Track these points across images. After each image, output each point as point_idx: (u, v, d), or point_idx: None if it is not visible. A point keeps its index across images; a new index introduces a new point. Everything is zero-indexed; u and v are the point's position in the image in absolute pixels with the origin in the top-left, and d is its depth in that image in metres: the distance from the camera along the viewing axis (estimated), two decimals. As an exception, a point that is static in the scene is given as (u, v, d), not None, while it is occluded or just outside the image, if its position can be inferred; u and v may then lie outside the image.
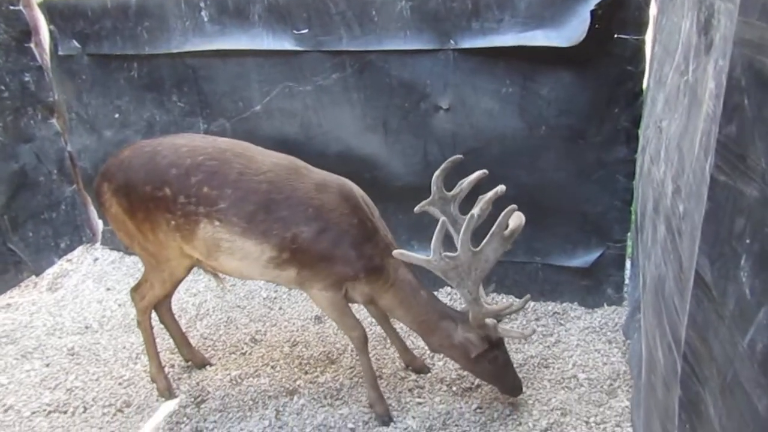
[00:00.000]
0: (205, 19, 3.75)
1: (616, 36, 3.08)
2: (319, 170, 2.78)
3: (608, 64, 3.14)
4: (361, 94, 3.60)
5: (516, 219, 2.43)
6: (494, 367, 2.74)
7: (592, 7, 2.98)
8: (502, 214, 2.36)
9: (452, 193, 2.77)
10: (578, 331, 3.45)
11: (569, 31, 3.07)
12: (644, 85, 3.19)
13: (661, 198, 2.09)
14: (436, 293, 2.98)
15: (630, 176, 3.33)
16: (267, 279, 2.81)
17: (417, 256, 2.47)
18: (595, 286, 3.63)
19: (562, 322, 3.55)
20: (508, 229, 2.40)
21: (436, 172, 2.73)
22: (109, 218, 2.85)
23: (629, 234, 3.52)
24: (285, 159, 2.75)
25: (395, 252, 2.50)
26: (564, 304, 3.69)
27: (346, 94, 3.63)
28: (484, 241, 2.40)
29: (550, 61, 3.20)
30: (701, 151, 1.37)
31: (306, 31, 3.55)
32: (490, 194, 2.45)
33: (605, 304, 3.64)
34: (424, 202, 2.79)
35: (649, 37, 3.09)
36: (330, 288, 2.71)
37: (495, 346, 2.69)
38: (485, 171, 2.71)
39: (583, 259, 3.58)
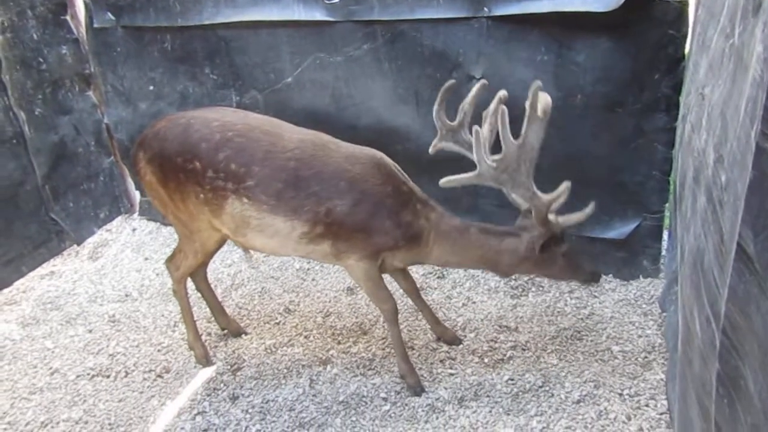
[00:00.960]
0: (237, -10, 3.74)
1: (656, -1, 2.97)
2: (348, 144, 2.76)
3: (648, 28, 3.03)
4: (392, 64, 3.55)
5: (543, 98, 2.32)
6: (568, 258, 2.70)
7: (632, -31, 2.87)
8: (530, 96, 2.27)
9: (457, 121, 2.68)
10: (613, 303, 3.41)
11: (608, -5, 2.97)
12: (686, 50, 3.08)
13: (701, 167, 2.02)
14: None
15: (669, 145, 3.23)
16: (299, 255, 2.81)
17: (465, 176, 2.44)
18: (631, 257, 3.57)
19: (596, 294, 3.51)
20: (540, 109, 2.30)
21: (435, 107, 2.65)
22: (145, 186, 2.91)
23: (667, 205, 3.43)
24: (312, 134, 2.74)
25: (442, 181, 2.46)
26: (599, 276, 3.64)
27: (377, 64, 3.59)
28: (523, 129, 2.32)
29: (587, 28, 3.10)
30: (746, 117, 1.31)
31: (337, 1, 3.51)
32: (493, 105, 2.42)
33: (641, 276, 3.58)
34: (434, 142, 2.72)
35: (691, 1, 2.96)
36: (367, 258, 2.71)
37: (561, 239, 2.66)
38: (484, 82, 2.65)
39: (620, 230, 3.52)
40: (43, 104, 4.17)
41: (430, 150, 2.73)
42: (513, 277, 3.69)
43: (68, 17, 4.30)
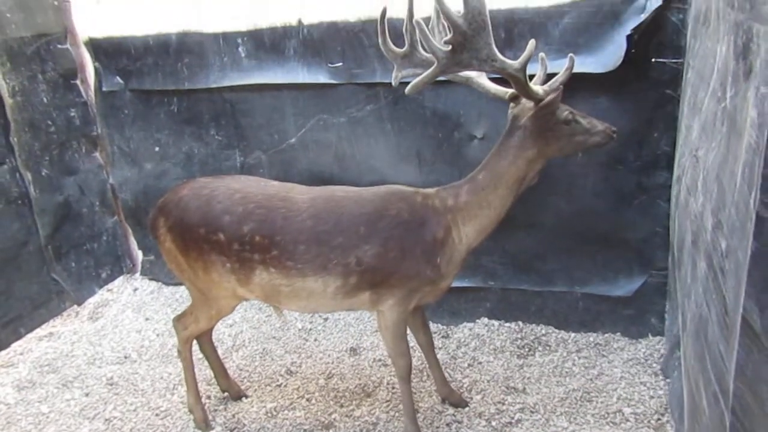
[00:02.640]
0: (243, 55, 3.83)
1: (653, 60, 3.03)
2: (354, 188, 2.76)
3: (646, 88, 3.09)
4: (395, 124, 3.61)
5: None
6: (572, 123, 2.51)
7: (627, 32, 2.94)
8: None
9: (406, 46, 2.52)
10: (622, 363, 3.33)
11: (605, 57, 3.03)
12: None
13: (699, 232, 1.99)
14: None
15: (671, 201, 3.23)
16: (342, 309, 2.78)
17: (428, 73, 2.28)
18: (639, 315, 3.51)
19: (604, 353, 3.44)
20: None
21: (380, 41, 2.52)
22: (163, 252, 2.88)
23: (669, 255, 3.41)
24: (320, 190, 2.75)
25: (408, 89, 2.37)
26: (606, 335, 3.58)
27: (380, 125, 3.64)
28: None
29: (586, 87, 3.14)
30: (744, 184, 1.30)
31: (340, 64, 3.59)
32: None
33: (649, 335, 3.51)
34: (394, 74, 2.61)
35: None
36: (403, 302, 2.65)
37: (554, 105, 2.50)
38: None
39: (626, 287, 3.48)
40: (49, 165, 4.23)
41: (393, 83, 2.63)
42: (519, 335, 3.63)
43: (78, 81, 4.42)
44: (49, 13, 4.19)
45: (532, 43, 2.30)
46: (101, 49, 4.23)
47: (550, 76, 2.58)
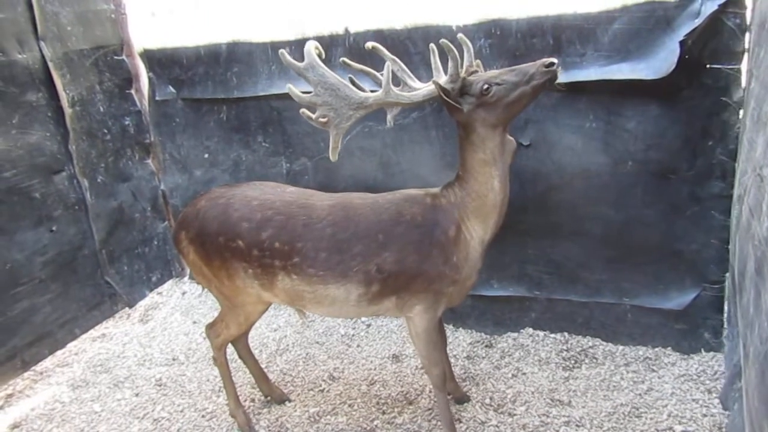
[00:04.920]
0: (290, 63, 3.90)
1: (708, 66, 2.94)
2: (372, 195, 2.77)
3: (700, 95, 2.99)
4: (439, 131, 3.60)
5: None
6: (495, 86, 2.39)
7: (681, 37, 2.86)
8: None
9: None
10: (673, 379, 3.22)
11: (657, 63, 2.96)
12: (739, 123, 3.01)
13: (765, 259, 1.86)
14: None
15: (726, 213, 3.12)
16: (366, 315, 2.79)
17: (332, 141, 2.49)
18: (691, 330, 3.39)
19: (654, 368, 3.33)
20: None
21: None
22: (188, 264, 2.96)
23: (727, 274, 3.28)
24: (339, 197, 2.76)
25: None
26: (656, 349, 3.47)
27: (425, 132, 3.65)
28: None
29: (636, 94, 3.08)
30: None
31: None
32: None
33: (702, 350, 3.38)
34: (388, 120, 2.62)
35: (744, 68, 2.92)
36: (431, 308, 2.65)
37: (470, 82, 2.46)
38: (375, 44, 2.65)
39: (677, 300, 3.36)
40: (105, 172, 4.39)
41: (388, 125, 2.62)
42: (564, 347, 3.56)
43: (133, 91, 4.58)
44: (107, 26, 4.37)
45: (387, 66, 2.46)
46: (155, 59, 4.38)
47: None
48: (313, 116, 2.48)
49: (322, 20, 3.73)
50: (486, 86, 2.40)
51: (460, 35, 2.60)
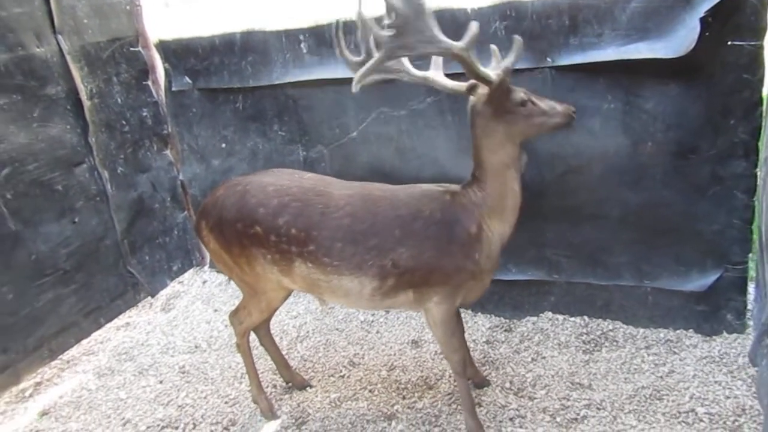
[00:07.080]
0: (305, 51, 3.90)
1: (729, 43, 2.88)
2: (392, 186, 2.75)
3: (721, 73, 2.93)
4: (455, 116, 3.58)
5: None
6: (528, 105, 2.48)
7: (701, 14, 2.80)
8: None
9: (362, 55, 2.62)
10: (695, 361, 3.19)
11: (677, 42, 2.90)
12: (764, 94, 2.95)
13: None
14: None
15: (750, 192, 3.06)
16: (382, 308, 2.79)
17: (373, 61, 2.36)
18: (713, 311, 3.36)
19: (675, 350, 3.31)
20: None
21: (336, 51, 2.65)
22: (210, 253, 2.99)
23: (750, 255, 3.23)
24: (359, 186, 2.75)
25: (354, 88, 2.44)
26: (678, 331, 3.44)
27: (440, 117, 3.63)
28: None
29: (655, 74, 3.03)
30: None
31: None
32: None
33: (725, 332, 3.35)
34: (354, 80, 2.52)
35: (767, 45, 2.86)
36: (448, 298, 2.66)
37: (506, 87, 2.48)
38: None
39: (699, 282, 3.33)
40: (124, 163, 4.44)
41: (354, 89, 2.54)
42: (584, 330, 3.55)
43: (150, 82, 4.61)
44: (123, 18, 4.39)
45: (475, 25, 2.31)
46: (171, 50, 4.40)
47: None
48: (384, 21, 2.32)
49: (337, 7, 3.71)
50: (525, 96, 2.49)
51: (493, 47, 2.58)
